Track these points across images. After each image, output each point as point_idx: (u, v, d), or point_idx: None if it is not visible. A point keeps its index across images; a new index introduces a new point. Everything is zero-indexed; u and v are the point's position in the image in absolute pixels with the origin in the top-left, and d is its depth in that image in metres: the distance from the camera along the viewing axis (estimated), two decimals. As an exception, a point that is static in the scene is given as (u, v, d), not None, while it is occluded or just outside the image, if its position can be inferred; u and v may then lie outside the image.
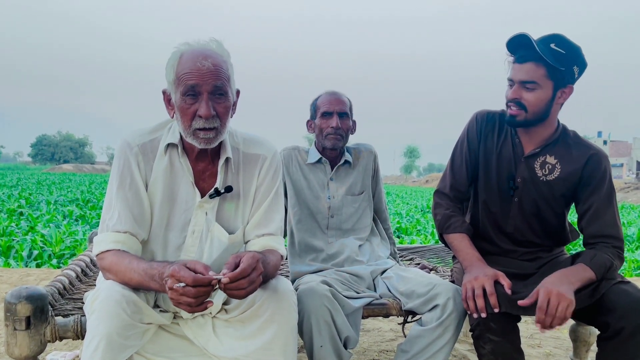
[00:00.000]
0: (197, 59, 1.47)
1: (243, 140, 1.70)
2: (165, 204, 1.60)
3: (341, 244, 2.22)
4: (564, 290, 1.63)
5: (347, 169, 2.32)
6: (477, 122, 2.03)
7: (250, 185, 1.68)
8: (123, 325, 1.36)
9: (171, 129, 1.62)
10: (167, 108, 1.59)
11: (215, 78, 1.47)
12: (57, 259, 6.21)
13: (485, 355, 1.75)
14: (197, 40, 1.54)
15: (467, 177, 2.04)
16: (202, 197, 1.60)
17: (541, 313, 1.63)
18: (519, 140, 1.96)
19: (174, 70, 1.49)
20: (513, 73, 1.84)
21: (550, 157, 1.93)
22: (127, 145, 1.58)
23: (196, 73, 1.45)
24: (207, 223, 1.62)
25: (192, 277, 1.28)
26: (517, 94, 1.84)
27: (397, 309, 1.95)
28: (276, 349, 1.50)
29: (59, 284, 1.99)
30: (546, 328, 1.64)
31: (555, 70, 1.78)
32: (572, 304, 1.62)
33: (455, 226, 1.99)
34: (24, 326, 1.56)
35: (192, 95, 1.47)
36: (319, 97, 2.28)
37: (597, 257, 1.77)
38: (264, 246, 1.64)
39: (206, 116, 1.46)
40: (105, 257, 1.50)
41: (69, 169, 59.77)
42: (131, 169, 1.56)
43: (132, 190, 1.56)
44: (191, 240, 1.61)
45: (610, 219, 1.85)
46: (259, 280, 1.39)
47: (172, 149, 1.60)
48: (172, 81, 1.50)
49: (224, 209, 1.65)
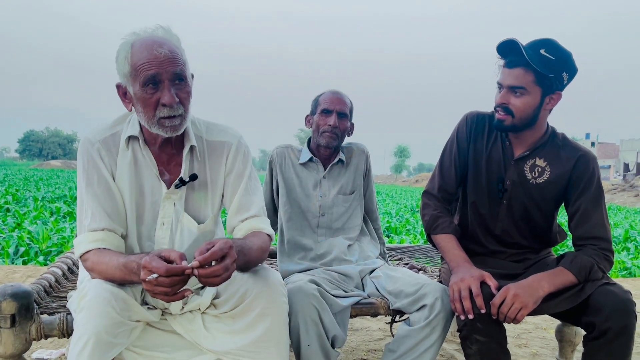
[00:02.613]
0: (153, 48, 1.44)
1: (206, 128, 1.69)
2: (134, 197, 1.59)
3: (330, 244, 2.22)
4: (524, 294, 1.68)
5: (341, 168, 2.32)
6: (467, 123, 2.03)
7: (218, 174, 1.67)
8: (112, 323, 1.35)
9: (131, 122, 1.60)
10: (124, 102, 1.55)
11: (174, 65, 1.45)
12: (43, 256, 6.14)
13: (472, 355, 1.76)
14: (143, 29, 1.51)
15: (456, 179, 2.05)
16: (169, 188, 1.59)
17: (494, 308, 1.70)
18: (509, 142, 1.97)
19: (128, 61, 1.45)
20: (502, 77, 1.85)
21: (539, 160, 1.94)
22: (88, 142, 1.56)
23: (154, 62, 1.43)
24: (175, 213, 1.61)
25: (165, 267, 1.26)
26: (505, 99, 1.84)
27: (385, 309, 1.95)
28: (269, 342, 1.50)
29: (44, 282, 1.97)
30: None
31: (543, 77, 1.78)
32: (527, 308, 1.68)
33: (443, 227, 2.00)
34: (8, 324, 1.55)
35: (153, 84, 1.44)
36: (322, 94, 2.29)
37: (578, 259, 1.79)
38: (250, 229, 1.64)
39: (170, 104, 1.45)
40: (88, 258, 1.49)
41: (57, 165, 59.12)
42: (97, 165, 1.55)
43: (101, 186, 1.54)
44: (161, 232, 1.61)
45: (598, 221, 1.86)
46: (233, 267, 1.36)
47: (134, 142, 1.59)
48: (127, 73, 1.46)
49: (193, 198, 1.65)
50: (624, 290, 1.72)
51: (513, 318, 1.67)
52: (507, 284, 1.74)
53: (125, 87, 1.51)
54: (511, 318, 1.67)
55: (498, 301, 1.69)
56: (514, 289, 1.69)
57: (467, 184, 2.06)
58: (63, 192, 15.91)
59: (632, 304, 1.68)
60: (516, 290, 1.68)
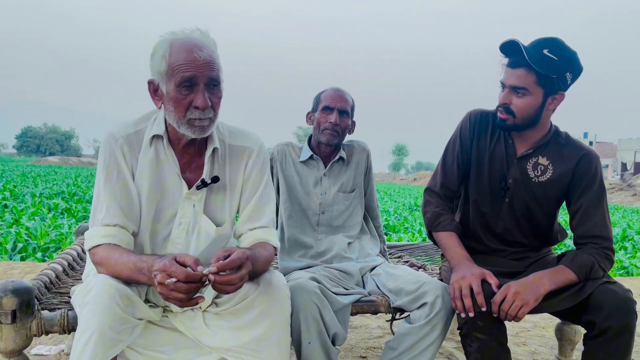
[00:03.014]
0: (192, 50, 1.45)
1: (229, 132, 1.69)
2: (153, 196, 1.58)
3: (330, 241, 2.22)
4: (525, 291, 1.68)
5: (341, 165, 2.32)
6: (471, 121, 2.03)
7: (237, 178, 1.67)
8: (116, 319, 1.35)
9: (156, 121, 1.60)
10: (154, 98, 1.55)
11: (211, 69, 1.46)
12: (42, 253, 6.13)
13: (472, 353, 1.77)
14: (181, 29, 1.51)
15: (458, 176, 2.05)
16: (189, 189, 1.59)
17: (494, 306, 1.70)
18: (512, 141, 1.97)
19: (166, 60, 1.46)
20: (505, 77, 1.85)
21: (542, 159, 1.94)
22: (112, 137, 1.56)
23: (193, 64, 1.44)
24: (194, 215, 1.61)
25: (185, 273, 1.28)
26: (507, 99, 1.84)
27: (386, 306, 1.95)
28: (271, 342, 1.50)
29: (45, 278, 1.96)
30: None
31: (545, 78, 1.77)
32: (528, 306, 1.68)
33: (444, 224, 2.00)
34: (9, 320, 1.54)
35: (188, 86, 1.45)
36: (323, 91, 2.28)
37: (578, 257, 1.79)
38: (257, 239, 1.64)
39: (204, 107, 1.46)
40: (97, 252, 1.49)
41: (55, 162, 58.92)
42: (117, 161, 1.55)
43: (120, 182, 1.54)
44: (177, 232, 1.60)
45: (599, 220, 1.86)
46: (246, 278, 1.39)
47: (157, 141, 1.59)
48: (163, 72, 1.47)
49: (212, 200, 1.65)
50: (625, 289, 1.72)
51: (514, 316, 1.67)
52: (508, 282, 1.74)
53: (158, 84, 1.51)
54: (512, 316, 1.68)
55: (499, 299, 1.69)
56: (514, 286, 1.69)
57: (469, 182, 2.06)
58: (61, 189, 15.87)
59: (632, 302, 1.68)
60: (517, 288, 1.69)
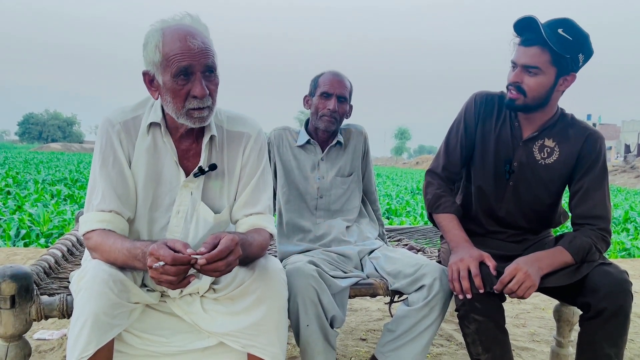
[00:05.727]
0: (186, 39, 1.42)
1: (227, 118, 1.68)
2: (149, 183, 1.58)
3: (328, 225, 2.22)
4: (531, 272, 1.68)
5: (339, 150, 2.31)
6: (476, 103, 2.00)
7: (235, 164, 1.66)
8: (110, 304, 1.36)
9: (153, 107, 1.59)
10: (150, 90, 1.53)
11: (206, 57, 1.44)
12: (45, 239, 6.17)
13: (470, 334, 1.77)
14: (172, 17, 1.49)
15: (461, 159, 2.03)
16: (187, 177, 1.59)
17: (501, 285, 1.70)
18: (518, 123, 1.95)
19: (159, 50, 1.43)
20: (517, 56, 1.81)
21: (548, 140, 1.92)
22: (109, 123, 1.55)
23: (188, 53, 1.41)
24: (192, 202, 1.60)
25: (172, 256, 1.27)
26: (519, 78, 1.81)
27: (384, 289, 1.96)
28: (268, 326, 1.51)
29: (44, 263, 1.97)
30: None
31: (559, 57, 1.74)
32: (535, 287, 1.69)
33: (445, 206, 1.99)
34: (8, 305, 1.55)
35: (184, 75, 1.43)
36: (321, 75, 2.23)
37: (577, 240, 1.79)
38: (252, 225, 1.64)
39: (202, 96, 1.44)
40: (91, 237, 1.49)
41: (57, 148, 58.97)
42: (114, 146, 1.54)
43: (116, 168, 1.54)
44: (176, 220, 1.60)
45: (599, 200, 1.85)
46: (235, 263, 1.37)
47: (155, 128, 1.58)
48: (157, 62, 1.44)
49: (209, 188, 1.64)
50: (620, 270, 1.72)
51: (521, 296, 1.67)
52: (506, 265, 1.74)
53: (153, 75, 1.48)
54: (519, 295, 1.68)
55: (508, 278, 1.69)
56: (524, 267, 1.69)
57: (472, 165, 2.04)
58: (63, 175, 15.90)
59: (628, 284, 1.68)
60: (527, 268, 1.69)
